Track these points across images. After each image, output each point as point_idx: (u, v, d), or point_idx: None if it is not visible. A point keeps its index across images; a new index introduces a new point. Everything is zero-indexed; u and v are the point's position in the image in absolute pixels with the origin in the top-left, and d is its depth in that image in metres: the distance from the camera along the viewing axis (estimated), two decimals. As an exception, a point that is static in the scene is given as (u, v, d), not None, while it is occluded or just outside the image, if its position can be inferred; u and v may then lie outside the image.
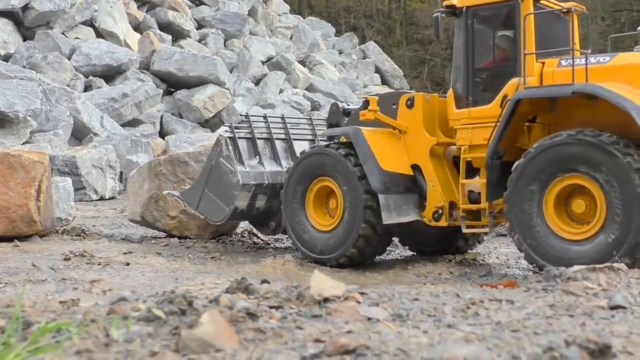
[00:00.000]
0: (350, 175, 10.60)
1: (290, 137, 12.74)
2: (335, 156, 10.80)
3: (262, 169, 12.07)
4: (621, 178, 8.58)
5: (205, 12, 33.38)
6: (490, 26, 10.64)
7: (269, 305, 4.72)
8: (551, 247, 9.03)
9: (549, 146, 9.03)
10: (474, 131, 10.18)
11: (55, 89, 22.02)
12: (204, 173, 12.05)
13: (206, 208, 11.91)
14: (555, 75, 9.64)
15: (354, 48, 40.46)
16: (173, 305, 4.29)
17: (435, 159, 10.71)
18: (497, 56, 10.50)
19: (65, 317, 4.30)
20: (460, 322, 4.77)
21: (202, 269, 10.57)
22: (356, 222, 10.52)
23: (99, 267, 10.33)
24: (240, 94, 28.43)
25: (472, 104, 10.27)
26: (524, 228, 9.20)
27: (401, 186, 10.61)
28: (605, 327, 4.71)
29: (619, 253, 8.52)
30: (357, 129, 10.87)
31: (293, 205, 11.23)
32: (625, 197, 8.56)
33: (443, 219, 10.47)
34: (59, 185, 13.80)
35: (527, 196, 9.16)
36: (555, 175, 9.03)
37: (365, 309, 4.76)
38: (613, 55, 9.62)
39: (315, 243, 10.97)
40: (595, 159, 8.73)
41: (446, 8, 10.63)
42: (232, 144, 11.89)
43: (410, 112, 10.86)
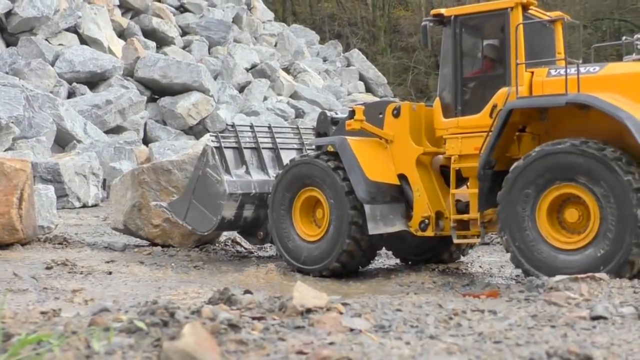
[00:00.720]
0: (337, 189, 10.58)
1: (277, 146, 12.72)
2: (324, 168, 10.77)
3: (249, 178, 12.05)
4: (619, 195, 8.58)
5: (189, 19, 33.34)
6: (478, 35, 10.66)
7: (251, 316, 4.71)
8: (539, 252, 9.05)
9: (550, 152, 9.02)
10: (463, 141, 10.16)
11: (39, 95, 21.91)
12: (190, 183, 12.02)
13: (193, 218, 11.88)
14: (545, 85, 9.65)
15: (338, 56, 40.52)
16: (155, 316, 4.27)
17: (422, 168, 10.70)
18: (485, 66, 10.53)
19: (46, 329, 4.27)
20: (443, 333, 4.78)
21: (185, 278, 10.54)
22: (341, 237, 10.51)
23: (81, 276, 10.28)
24: (225, 101, 28.39)
25: (461, 114, 10.26)
26: (514, 230, 9.20)
27: (387, 196, 10.58)
28: (586, 337, 4.73)
29: (606, 268, 8.52)
30: (343, 139, 10.85)
31: (280, 213, 11.20)
32: (621, 214, 8.57)
33: (429, 228, 10.46)
34: (42, 192, 13.73)
35: (522, 198, 9.15)
36: (553, 181, 9.02)
37: (347, 320, 4.76)
38: (603, 65, 9.66)
39: (299, 252, 10.95)
40: (596, 172, 8.72)
41: (434, 17, 10.63)
42: (219, 153, 11.86)
43: (396, 122, 10.84)
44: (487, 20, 10.50)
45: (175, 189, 12.70)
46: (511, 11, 9.98)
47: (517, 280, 10.06)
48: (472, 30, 10.62)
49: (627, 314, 5.44)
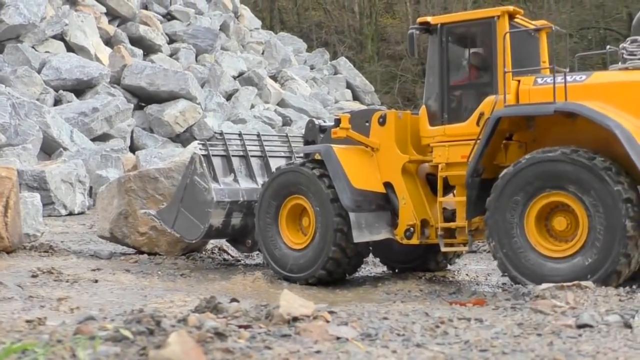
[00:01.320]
0: (323, 196, 10.58)
1: (266, 154, 12.70)
2: (309, 176, 10.77)
3: (237, 186, 12.03)
4: (608, 205, 8.60)
5: (176, 26, 33.30)
6: (465, 44, 10.68)
7: (237, 325, 4.71)
8: (527, 259, 9.06)
9: (541, 160, 9.04)
10: (450, 149, 10.17)
11: (25, 102, 21.83)
12: (178, 192, 11.99)
13: (182, 226, 11.85)
14: (532, 93, 9.68)
15: (326, 63, 40.55)
16: (141, 325, 4.26)
17: (408, 176, 10.70)
18: (472, 74, 10.55)
19: (32, 337, 4.25)
20: (429, 342, 4.78)
21: (172, 286, 10.51)
22: (327, 244, 10.50)
23: (67, 284, 10.24)
24: (212, 109, 28.36)
25: (448, 122, 10.27)
26: (502, 236, 9.20)
27: (373, 204, 10.58)
28: (572, 346, 4.74)
29: (593, 277, 8.53)
30: (328, 147, 10.85)
31: (266, 221, 11.18)
32: (609, 224, 8.59)
33: (415, 236, 10.45)
34: (27, 200, 13.66)
35: (511, 205, 9.16)
36: (543, 189, 9.04)
37: (334, 328, 4.76)
38: (589, 74, 9.69)
39: (286, 260, 10.93)
40: (586, 181, 8.74)
41: (421, 25, 10.64)
42: (207, 161, 11.84)
43: (382, 130, 10.84)
44: (474, 29, 10.52)
45: (162, 196, 12.68)
46: (498, 20, 10.01)
47: (503, 289, 10.08)
48: (459, 39, 10.64)
49: (612, 322, 5.46)
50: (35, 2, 25.84)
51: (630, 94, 9.14)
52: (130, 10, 31.09)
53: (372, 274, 11.91)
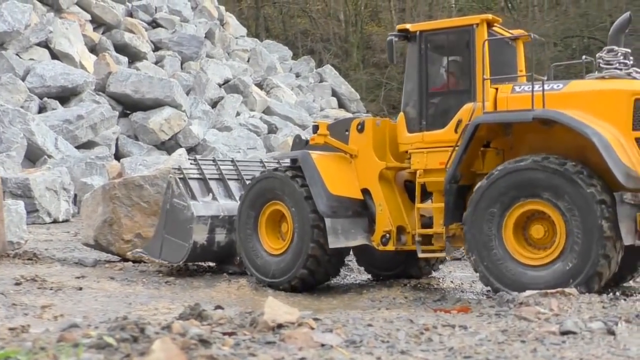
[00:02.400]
0: (297, 196, 10.64)
1: (242, 176, 12.78)
2: (282, 178, 10.85)
3: (217, 202, 12.08)
4: (583, 208, 8.66)
5: (162, 34, 33.24)
6: (443, 51, 10.73)
7: (222, 332, 4.70)
8: (508, 270, 9.08)
9: (513, 170, 9.10)
10: (429, 155, 10.22)
11: (9, 110, 21.73)
12: (160, 220, 12.05)
13: (168, 252, 11.87)
14: (509, 101, 9.74)
15: (311, 71, 40.57)
16: (125, 332, 4.25)
17: (385, 183, 10.77)
18: (450, 81, 10.61)
19: (14, 345, 4.23)
20: (414, 348, 4.79)
21: (156, 293, 10.49)
22: (305, 243, 10.54)
23: (50, 292, 10.20)
24: (197, 117, 28.31)
25: (426, 128, 10.32)
26: (481, 249, 9.24)
27: (350, 210, 10.64)
28: (556, 353, 4.76)
29: (575, 282, 8.60)
30: (306, 153, 10.91)
31: (246, 231, 11.21)
32: (586, 227, 8.64)
33: (390, 243, 10.51)
34: (11, 208, 13.59)
35: (487, 218, 9.21)
36: (517, 199, 9.09)
37: (319, 335, 4.76)
38: (566, 83, 9.78)
39: (268, 268, 10.95)
40: (559, 186, 8.81)
41: (400, 32, 10.72)
42: (183, 183, 11.92)
43: (360, 137, 10.92)
44: (453, 37, 10.59)
45: (147, 204, 12.65)
46: (477, 28, 10.09)
47: (488, 296, 10.09)
48: (438, 46, 10.71)
49: (596, 329, 5.49)
50: (19, 10, 25.77)
51: (606, 103, 9.23)
52: (115, 17, 31.03)
53: (357, 282, 11.92)
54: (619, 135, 8.99)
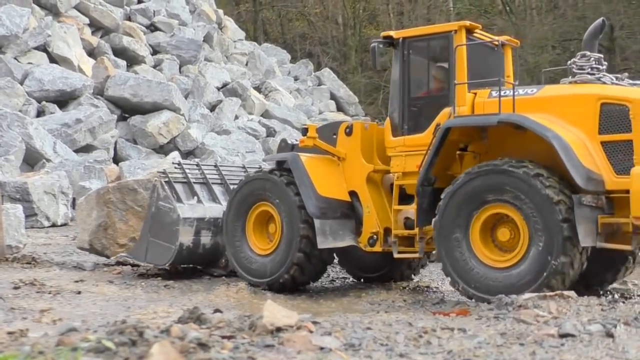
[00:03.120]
0: (290, 203, 10.80)
1: (226, 180, 12.89)
2: (271, 179, 11.04)
3: (202, 205, 12.19)
4: (543, 209, 8.81)
5: (160, 38, 33.24)
6: (425, 57, 10.96)
7: (221, 335, 4.70)
8: (474, 272, 9.25)
9: (476, 175, 9.31)
10: (407, 158, 10.46)
11: (7, 114, 21.72)
12: (146, 223, 12.12)
13: (153, 255, 11.94)
14: (486, 106, 9.95)
15: (310, 75, 40.58)
16: (123, 335, 4.25)
17: (372, 185, 10.96)
18: (431, 86, 10.86)
19: (13, 349, 4.23)
20: (413, 351, 4.79)
21: (155, 297, 10.48)
22: (294, 243, 10.70)
23: (49, 296, 10.19)
24: (196, 120, 28.31)
25: (407, 132, 10.54)
26: (449, 252, 9.40)
27: (338, 211, 10.83)
28: (555, 355, 4.76)
29: (538, 282, 8.76)
30: (295, 155, 11.11)
31: (234, 232, 11.34)
32: (547, 228, 8.80)
33: (378, 244, 10.70)
34: (10, 212, 13.60)
35: (455, 221, 9.38)
36: (482, 203, 9.28)
37: (317, 339, 4.76)
38: (540, 87, 10.00)
39: (256, 268, 11.09)
40: (519, 189, 8.96)
41: (384, 39, 10.93)
42: (169, 186, 12.01)
43: (348, 140, 11.13)
44: (433, 43, 10.80)
45: (141, 208, 12.68)
46: (455, 34, 10.29)
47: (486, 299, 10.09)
48: (419, 52, 10.92)
49: (594, 331, 5.49)
50: (17, 14, 25.76)
51: (574, 107, 9.43)
52: (114, 21, 31.04)
53: (356, 285, 11.91)
54: (586, 139, 9.20)
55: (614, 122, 9.14)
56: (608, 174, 9.06)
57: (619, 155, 9.07)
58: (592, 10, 40.92)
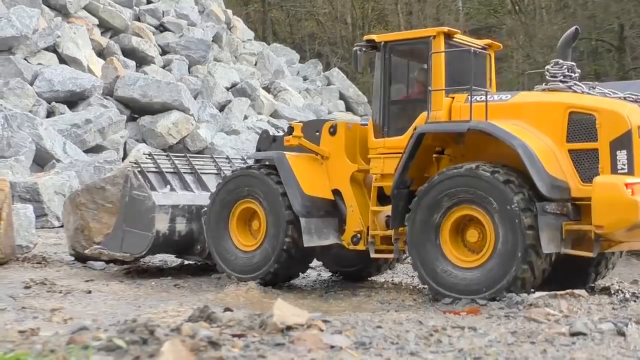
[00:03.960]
0: (273, 197, 10.96)
1: (196, 170, 13.08)
2: (257, 176, 11.17)
3: (176, 193, 12.37)
4: (509, 215, 9.01)
5: (169, 38, 33.26)
6: (406, 61, 11.19)
7: (231, 334, 4.70)
8: (442, 271, 9.46)
9: (449, 176, 9.52)
10: (385, 161, 10.61)
11: (17, 114, 21.78)
12: (120, 214, 12.28)
13: (129, 245, 12.08)
14: (462, 111, 10.12)
15: (319, 75, 40.53)
16: (134, 334, 4.26)
17: (356, 185, 11.10)
18: (411, 90, 11.07)
19: (24, 347, 4.24)
20: (423, 350, 4.79)
21: (165, 296, 10.51)
22: (276, 248, 10.85)
23: (60, 295, 10.23)
24: (205, 120, 28.32)
25: (388, 135, 10.70)
26: (420, 251, 9.63)
27: (322, 210, 10.99)
28: (566, 354, 4.75)
29: (498, 286, 8.98)
30: (281, 154, 11.24)
31: (217, 228, 11.42)
32: (512, 233, 8.99)
33: (361, 243, 10.85)
34: (20, 212, 13.65)
35: (426, 221, 9.59)
36: (452, 205, 9.49)
37: (328, 337, 4.76)
38: (514, 94, 10.28)
39: (239, 263, 11.21)
40: (489, 193, 9.18)
41: (367, 42, 11.10)
42: (142, 175, 12.18)
43: (332, 139, 11.26)
44: (413, 47, 10.99)
45: (111, 204, 12.91)
46: (434, 39, 10.46)
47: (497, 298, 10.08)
48: (400, 56, 11.11)
49: (605, 330, 5.47)
50: (27, 14, 25.82)
51: (543, 114, 9.66)
52: (123, 22, 31.08)
53: (366, 284, 11.90)
54: (554, 147, 9.42)
55: (581, 131, 9.38)
56: (574, 182, 9.31)
57: (585, 163, 9.32)
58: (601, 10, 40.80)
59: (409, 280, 11.94)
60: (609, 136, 9.18)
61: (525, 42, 42.04)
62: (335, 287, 11.46)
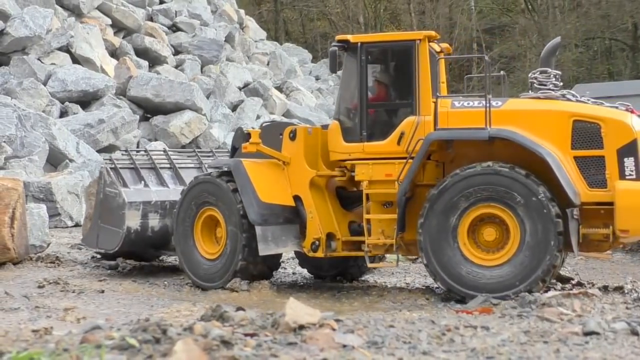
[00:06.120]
0: (229, 202, 10.79)
1: (175, 165, 13.04)
2: (217, 184, 10.99)
3: (148, 189, 12.38)
4: (535, 207, 9.23)
5: (182, 38, 33.33)
6: (385, 63, 11.10)
7: (244, 333, 4.71)
8: (462, 270, 9.56)
9: (462, 177, 9.58)
10: (374, 167, 10.43)
11: (31, 114, 21.85)
12: (95, 211, 12.36)
13: (103, 241, 12.17)
14: (450, 116, 10.11)
15: (331, 74, 40.59)
16: (147, 333, 4.27)
17: (316, 190, 10.93)
18: (391, 93, 11.00)
19: (38, 346, 4.26)
20: (436, 349, 4.78)
21: (178, 295, 10.54)
22: (235, 257, 10.70)
23: (73, 294, 10.27)
24: (217, 120, 28.36)
25: (367, 139, 10.52)
26: (436, 250, 9.67)
27: (281, 217, 10.82)
28: (579, 353, 4.74)
29: (521, 285, 9.20)
30: (238, 161, 11.02)
31: (184, 228, 11.32)
32: (543, 221, 9.20)
33: (320, 250, 10.71)
34: (34, 211, 13.71)
35: (442, 221, 9.64)
36: (469, 205, 9.58)
37: (340, 336, 4.76)
38: (504, 100, 10.29)
39: (203, 271, 11.08)
40: (511, 188, 9.35)
41: (339, 42, 10.94)
42: (115, 172, 12.21)
43: (292, 145, 11.07)
44: (395, 50, 10.90)
45: None
46: (420, 43, 10.40)
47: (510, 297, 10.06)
48: (379, 58, 11.03)
49: (619, 329, 5.45)
50: (41, 15, 25.91)
51: (547, 122, 9.80)
52: (136, 22, 31.16)
53: (378, 284, 11.90)
54: (559, 154, 9.61)
55: (585, 139, 9.61)
56: (582, 187, 9.53)
57: (592, 169, 9.56)
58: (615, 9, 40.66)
59: (421, 279, 11.91)
60: (615, 144, 9.47)
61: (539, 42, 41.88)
62: (347, 287, 11.44)
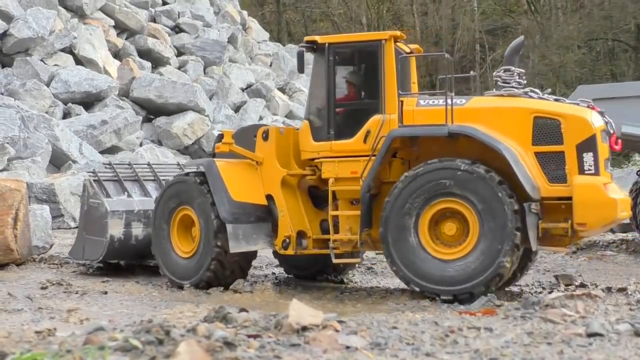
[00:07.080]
0: (203, 202, 10.98)
1: (159, 177, 13.22)
2: (191, 184, 11.18)
3: (131, 199, 12.55)
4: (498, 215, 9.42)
5: (185, 39, 33.35)
6: (352, 64, 11.28)
7: (247, 334, 4.71)
8: (424, 265, 9.74)
9: (426, 171, 9.75)
10: (340, 164, 10.63)
11: (34, 116, 21.88)
12: (80, 222, 12.60)
13: (89, 251, 12.28)
14: (415, 114, 10.29)
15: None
16: (150, 334, 4.27)
17: (287, 189, 11.13)
18: (358, 93, 11.15)
19: (41, 348, 4.26)
20: (439, 351, 4.78)
21: (181, 297, 10.54)
22: (210, 247, 10.85)
23: (76, 295, 10.28)
24: (220, 121, 28.38)
25: (335, 138, 10.71)
26: (398, 246, 9.83)
27: (253, 216, 11.00)
28: (582, 355, 4.73)
29: (478, 279, 9.48)
30: (211, 161, 11.28)
31: (160, 234, 11.46)
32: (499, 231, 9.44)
33: (290, 247, 10.90)
34: (37, 212, 13.72)
35: (405, 214, 9.80)
36: (433, 197, 9.76)
37: (343, 338, 4.76)
38: (468, 99, 10.51)
39: (179, 269, 11.22)
40: (479, 191, 9.53)
41: (307, 43, 11.12)
42: (98, 184, 12.38)
43: (265, 145, 11.27)
44: (362, 50, 11.05)
45: None
46: (386, 43, 10.58)
47: (513, 298, 10.06)
48: (346, 59, 11.21)
49: (623, 330, 5.44)
50: (44, 16, 25.95)
51: (508, 119, 9.96)
52: (139, 23, 31.19)
53: (381, 285, 11.90)
54: (520, 150, 9.76)
55: (546, 135, 9.77)
56: (542, 182, 9.69)
57: (552, 165, 9.74)
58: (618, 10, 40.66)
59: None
60: (575, 140, 9.67)
61: (541, 42, 41.92)
62: (350, 288, 11.45)
